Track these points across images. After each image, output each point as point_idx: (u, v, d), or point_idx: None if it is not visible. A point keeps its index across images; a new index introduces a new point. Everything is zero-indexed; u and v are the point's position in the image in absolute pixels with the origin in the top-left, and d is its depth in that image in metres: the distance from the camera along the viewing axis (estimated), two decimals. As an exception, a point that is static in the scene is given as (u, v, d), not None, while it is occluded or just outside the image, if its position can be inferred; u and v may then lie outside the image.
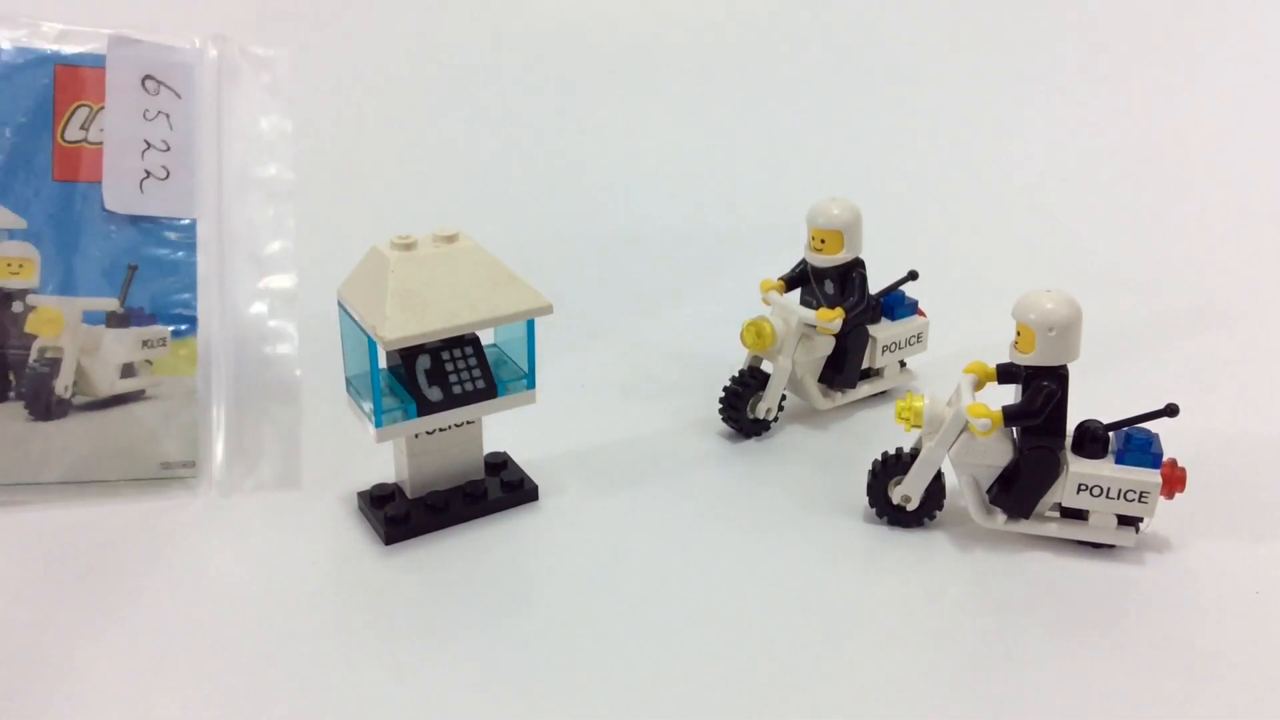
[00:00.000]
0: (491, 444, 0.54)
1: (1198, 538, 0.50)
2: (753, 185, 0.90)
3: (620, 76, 0.98)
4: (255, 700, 0.41)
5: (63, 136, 0.52)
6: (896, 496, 0.50)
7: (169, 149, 0.52)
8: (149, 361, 0.53)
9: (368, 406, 0.48)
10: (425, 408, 0.49)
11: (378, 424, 0.48)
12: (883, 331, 0.60)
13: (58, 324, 0.52)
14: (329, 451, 0.55)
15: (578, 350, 0.67)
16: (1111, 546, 0.49)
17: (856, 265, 0.57)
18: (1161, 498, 0.48)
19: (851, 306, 0.57)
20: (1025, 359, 0.47)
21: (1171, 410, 0.48)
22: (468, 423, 0.51)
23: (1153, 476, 0.47)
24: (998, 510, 0.50)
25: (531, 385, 0.51)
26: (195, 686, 0.42)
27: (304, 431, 0.54)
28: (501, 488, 0.52)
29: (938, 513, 0.51)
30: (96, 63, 0.52)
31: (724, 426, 0.58)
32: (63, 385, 0.52)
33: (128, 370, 0.53)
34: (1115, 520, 0.49)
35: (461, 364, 0.49)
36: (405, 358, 0.48)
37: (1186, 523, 0.50)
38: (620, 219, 0.86)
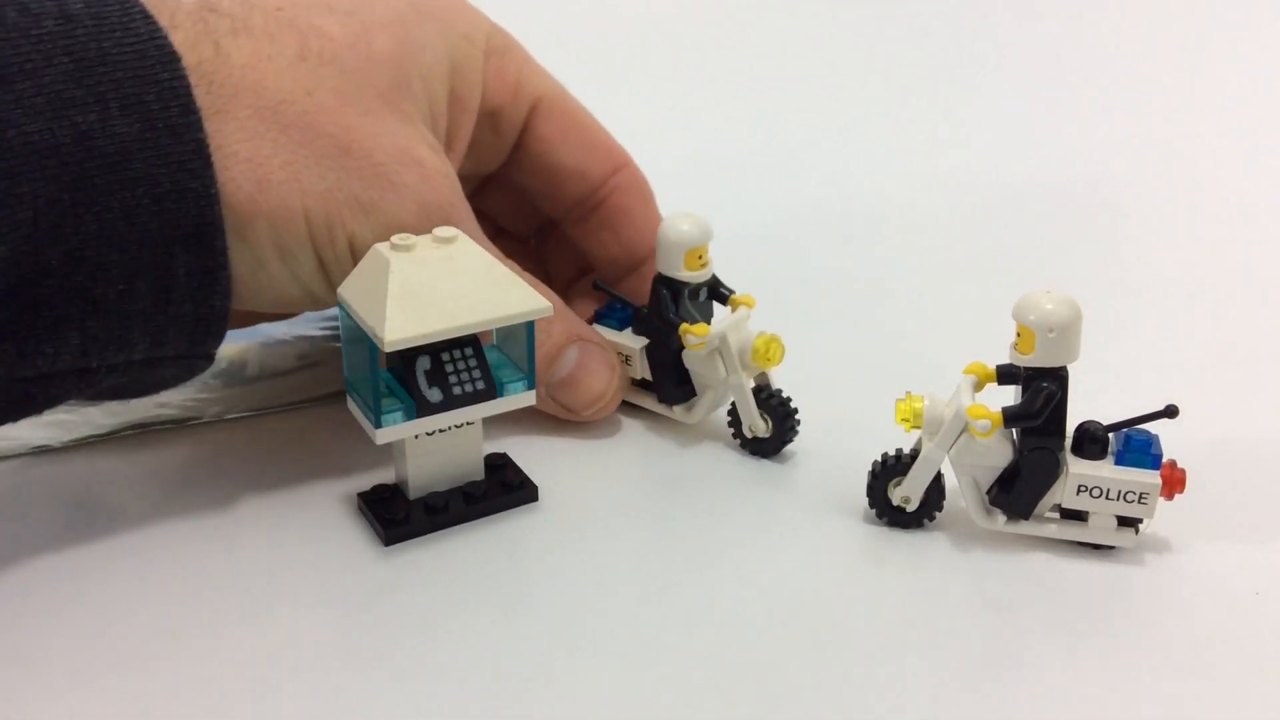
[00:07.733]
0: (491, 444, 0.54)
1: (1198, 538, 0.50)
2: (753, 186, 0.90)
3: (619, 77, 0.98)
4: (255, 700, 0.41)
5: None
6: (896, 497, 0.50)
7: None
8: None
9: (368, 407, 0.48)
10: (425, 409, 0.49)
11: (378, 425, 0.48)
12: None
13: None
14: (329, 451, 0.55)
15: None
16: (1111, 547, 0.49)
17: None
18: (1161, 499, 0.48)
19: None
20: (1025, 360, 0.47)
21: (1171, 411, 0.48)
22: (467, 423, 0.51)
23: (1152, 478, 0.47)
24: (997, 511, 0.50)
25: (531, 386, 0.51)
26: (194, 686, 0.42)
27: (304, 432, 0.54)
28: (501, 488, 0.52)
29: (938, 513, 0.51)
30: None
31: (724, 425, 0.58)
32: None
33: None
34: (1115, 521, 0.49)
35: (461, 365, 0.49)
36: (405, 359, 0.48)
37: (1186, 523, 0.50)
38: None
